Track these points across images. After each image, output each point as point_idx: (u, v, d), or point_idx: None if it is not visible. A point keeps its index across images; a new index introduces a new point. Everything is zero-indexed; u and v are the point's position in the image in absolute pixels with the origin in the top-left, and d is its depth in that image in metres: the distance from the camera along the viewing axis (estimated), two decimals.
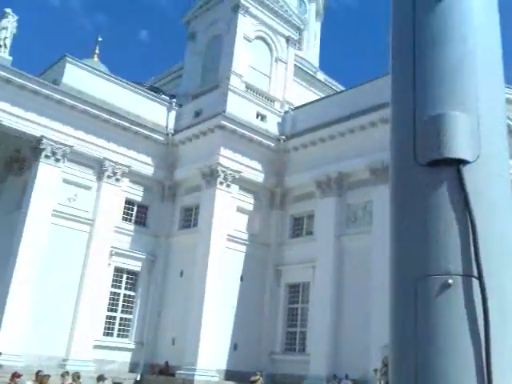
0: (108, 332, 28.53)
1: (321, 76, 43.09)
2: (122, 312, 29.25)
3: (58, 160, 27.29)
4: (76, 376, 19.64)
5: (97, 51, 36.75)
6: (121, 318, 29.20)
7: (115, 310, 29.01)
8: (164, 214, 31.04)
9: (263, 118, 31.79)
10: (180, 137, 31.20)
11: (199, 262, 27.96)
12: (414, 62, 1.47)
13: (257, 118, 31.47)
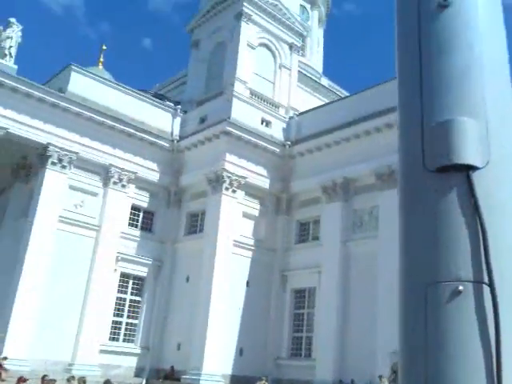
0: (114, 337, 28.54)
1: (325, 82, 43.07)
2: (127, 317, 29.26)
3: (64, 167, 27.40)
4: (82, 381, 19.68)
5: (101, 59, 36.88)
6: (127, 323, 29.21)
7: (121, 315, 29.03)
8: (170, 219, 31.07)
9: (268, 123, 31.79)
10: (185, 143, 31.26)
11: (205, 268, 27.96)
12: (421, 68, 1.46)
13: (262, 123, 31.47)
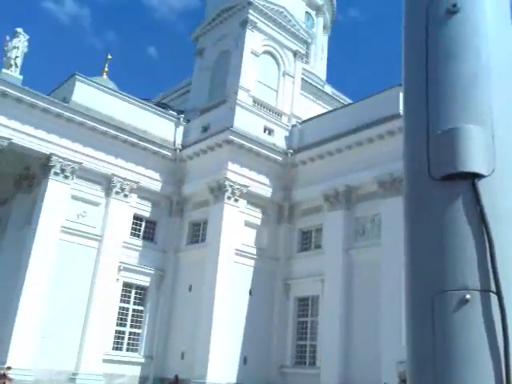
0: (117, 346, 28.48)
1: (328, 89, 43.13)
2: (131, 326, 29.20)
3: (66, 177, 27.44)
4: None
5: (106, 69, 37.00)
6: (130, 333, 29.14)
7: (124, 325, 28.97)
8: (172, 229, 31.05)
9: (271, 132, 31.80)
10: (188, 152, 31.27)
11: (208, 277, 27.90)
12: (427, 75, 1.46)
13: (264, 132, 31.48)
